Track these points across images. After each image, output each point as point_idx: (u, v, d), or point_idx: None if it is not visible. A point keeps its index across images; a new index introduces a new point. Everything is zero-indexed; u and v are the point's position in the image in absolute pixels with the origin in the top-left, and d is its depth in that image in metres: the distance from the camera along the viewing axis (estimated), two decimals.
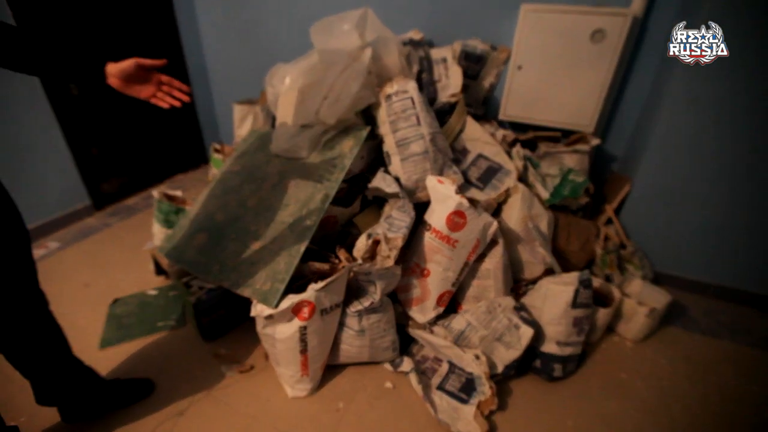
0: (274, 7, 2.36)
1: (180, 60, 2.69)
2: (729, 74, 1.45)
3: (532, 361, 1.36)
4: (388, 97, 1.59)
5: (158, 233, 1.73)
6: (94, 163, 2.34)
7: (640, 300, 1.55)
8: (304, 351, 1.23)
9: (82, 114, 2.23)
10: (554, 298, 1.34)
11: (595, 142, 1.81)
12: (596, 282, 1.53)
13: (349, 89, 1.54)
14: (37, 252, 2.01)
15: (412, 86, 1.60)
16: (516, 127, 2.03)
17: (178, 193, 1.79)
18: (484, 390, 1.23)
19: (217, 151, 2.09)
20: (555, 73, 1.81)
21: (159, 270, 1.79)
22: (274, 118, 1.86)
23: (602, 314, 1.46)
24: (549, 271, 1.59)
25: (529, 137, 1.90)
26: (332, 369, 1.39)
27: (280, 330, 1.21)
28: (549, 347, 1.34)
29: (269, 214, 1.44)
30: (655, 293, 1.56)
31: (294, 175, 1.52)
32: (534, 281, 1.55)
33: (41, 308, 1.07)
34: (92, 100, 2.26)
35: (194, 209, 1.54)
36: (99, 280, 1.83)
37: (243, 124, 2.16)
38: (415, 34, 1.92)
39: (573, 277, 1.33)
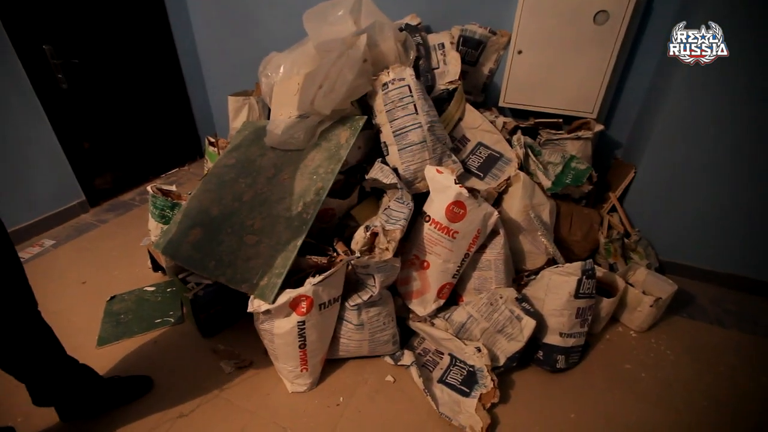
0: None
1: (172, 53, 2.63)
2: (730, 68, 1.42)
3: (534, 353, 1.34)
4: (385, 85, 1.54)
5: (154, 229, 1.71)
6: (87, 157, 2.30)
7: (644, 289, 1.52)
8: (302, 346, 1.21)
9: (72, 108, 2.18)
10: (557, 289, 1.31)
11: (598, 128, 1.76)
12: (600, 271, 1.50)
13: (344, 78, 1.49)
14: (32, 250, 1.99)
15: (408, 74, 1.55)
16: (517, 113, 1.98)
17: (173, 187, 1.75)
18: (486, 383, 1.21)
19: (211, 144, 2.05)
20: (557, 57, 1.75)
21: (156, 266, 1.77)
22: (270, 110, 1.82)
23: (606, 304, 1.43)
24: (551, 261, 1.56)
25: (531, 124, 1.85)
26: (332, 363, 1.37)
27: (278, 325, 1.19)
28: (552, 338, 1.32)
29: (265, 208, 1.41)
30: (660, 282, 1.53)
31: (289, 168, 1.48)
32: (536, 272, 1.52)
33: (30, 310, 1.04)
34: (82, 93, 2.22)
35: (189, 204, 1.51)
36: (95, 277, 1.82)
37: (238, 116, 2.12)
38: (412, 20, 1.86)
39: (576, 267, 1.30)
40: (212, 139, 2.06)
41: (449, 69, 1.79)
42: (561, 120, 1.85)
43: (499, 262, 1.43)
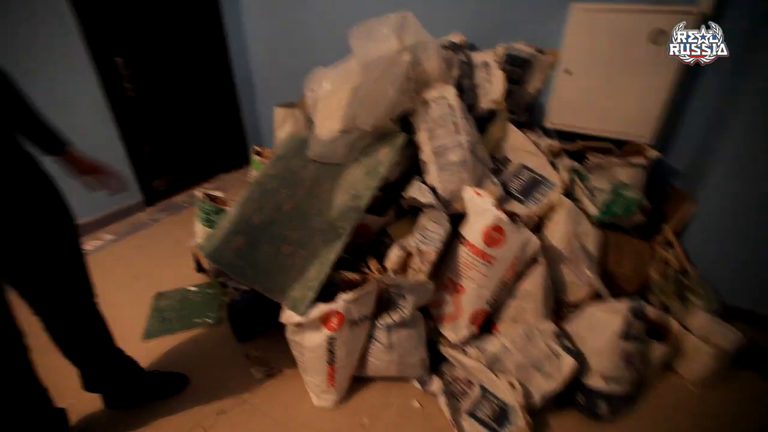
0: (316, 12, 2.40)
1: (227, 64, 2.80)
2: None
3: (574, 395, 1.25)
4: (427, 103, 1.54)
5: (200, 232, 1.81)
6: (147, 161, 2.50)
7: (704, 336, 1.37)
8: (331, 361, 1.21)
9: (137, 114, 2.38)
10: (601, 327, 1.22)
11: (654, 154, 1.64)
12: (651, 312, 1.38)
13: (387, 95, 1.51)
14: (93, 243, 2.18)
15: (450, 92, 1.54)
16: (563, 136, 1.89)
17: (220, 193, 1.85)
18: (518, 422, 1.14)
19: (257, 153, 2.15)
20: (608, 77, 1.67)
21: (200, 267, 1.87)
22: (313, 122, 1.88)
23: (658, 349, 1.31)
24: (596, 296, 1.46)
25: (578, 147, 1.76)
26: (359, 381, 1.36)
27: (308, 338, 1.21)
28: (594, 381, 1.22)
29: (303, 220, 1.45)
30: (724, 330, 1.37)
31: (329, 181, 1.51)
32: (578, 305, 1.43)
33: (90, 300, 1.14)
34: (145, 101, 2.41)
35: (233, 211, 1.58)
36: (146, 272, 1.95)
37: (283, 126, 2.21)
38: (456, 37, 1.86)
39: (623, 304, 1.21)
40: (258, 149, 2.15)
41: (493, 88, 1.75)
42: (611, 144, 1.75)
43: (538, 293, 1.36)
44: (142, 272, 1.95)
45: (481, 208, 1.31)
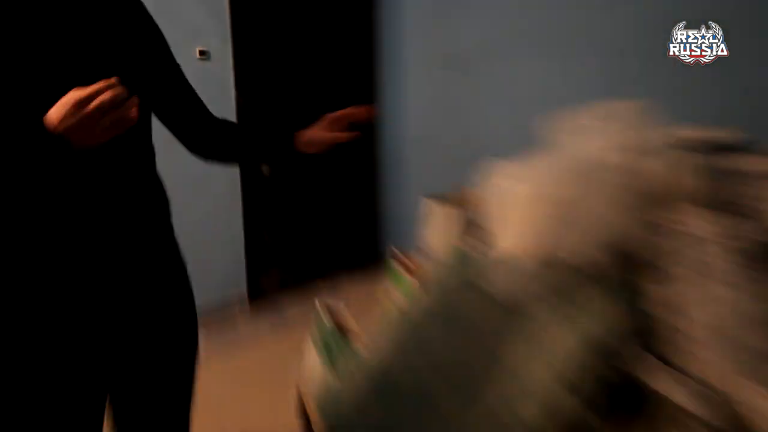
0: (489, 88, 2.08)
1: (371, 140, 2.49)
2: None
3: None
4: (663, 230, 1.05)
5: (313, 362, 1.41)
6: (261, 251, 2.30)
7: None
8: None
9: (265, 198, 2.29)
10: None
11: None
12: None
13: (597, 213, 1.08)
14: None
15: (704, 217, 1.04)
16: None
17: (348, 315, 1.49)
18: None
19: (399, 261, 1.72)
20: None
21: (306, 419, 1.44)
22: (479, 228, 1.46)
23: None
24: None
25: None
26: None
27: None
28: None
29: (474, 395, 0.98)
30: None
31: (515, 339, 1.04)
32: None
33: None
34: (279, 182, 2.33)
35: (370, 358, 1.17)
36: (232, 400, 1.60)
37: (433, 225, 1.81)
38: (709, 134, 1.35)
39: None
40: (401, 257, 1.72)
41: None
42: None
43: None
44: (228, 399, 1.57)
45: None
